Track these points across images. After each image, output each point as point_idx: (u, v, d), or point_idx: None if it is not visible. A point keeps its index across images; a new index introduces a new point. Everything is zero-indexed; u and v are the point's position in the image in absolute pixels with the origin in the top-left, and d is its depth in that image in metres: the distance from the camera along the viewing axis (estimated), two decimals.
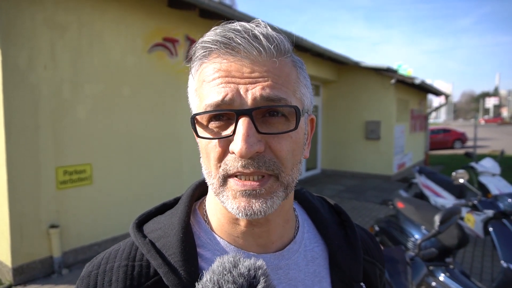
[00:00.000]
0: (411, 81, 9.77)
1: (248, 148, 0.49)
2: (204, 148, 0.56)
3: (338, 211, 0.77)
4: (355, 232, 0.73)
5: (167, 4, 5.00)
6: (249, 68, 0.52)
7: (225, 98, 0.51)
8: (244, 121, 0.50)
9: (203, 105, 0.53)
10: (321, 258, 0.67)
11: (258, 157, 0.51)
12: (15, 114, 3.60)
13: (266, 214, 0.52)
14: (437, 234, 2.02)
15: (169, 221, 0.62)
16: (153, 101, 4.99)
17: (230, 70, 0.52)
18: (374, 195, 8.11)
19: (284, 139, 0.53)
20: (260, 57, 0.52)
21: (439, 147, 20.56)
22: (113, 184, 4.55)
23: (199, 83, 0.57)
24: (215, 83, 0.53)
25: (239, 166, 0.51)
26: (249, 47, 0.52)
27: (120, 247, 0.62)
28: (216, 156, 0.53)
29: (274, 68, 0.53)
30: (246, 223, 0.59)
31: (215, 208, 0.61)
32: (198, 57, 0.56)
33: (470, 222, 3.46)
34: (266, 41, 0.53)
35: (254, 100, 0.51)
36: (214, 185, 0.55)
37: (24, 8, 3.63)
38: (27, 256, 3.75)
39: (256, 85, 0.51)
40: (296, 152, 0.55)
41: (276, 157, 0.53)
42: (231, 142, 0.51)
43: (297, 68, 0.59)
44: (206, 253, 0.60)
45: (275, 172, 0.52)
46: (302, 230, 0.68)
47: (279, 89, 0.53)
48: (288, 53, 0.57)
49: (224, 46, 0.53)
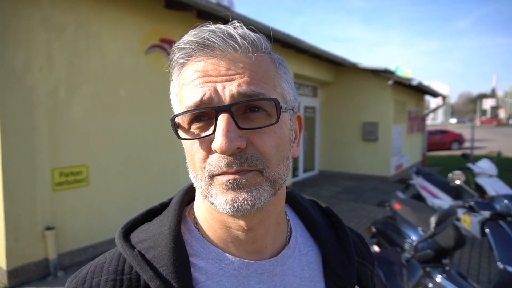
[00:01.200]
0: (408, 82, 9.80)
1: (228, 143, 0.48)
2: (188, 150, 0.55)
3: (329, 214, 0.76)
4: (347, 234, 0.72)
5: (164, 5, 5.00)
6: (225, 65, 0.52)
7: (203, 98, 0.51)
8: (224, 117, 0.50)
9: (183, 107, 0.53)
10: (315, 262, 0.66)
11: (240, 153, 0.50)
12: (11, 115, 3.58)
13: (255, 206, 0.51)
14: (433, 235, 2.02)
15: (158, 230, 0.59)
16: (150, 103, 4.98)
17: (207, 70, 0.52)
18: (372, 196, 8.12)
19: (266, 134, 0.52)
20: (235, 54, 0.52)
21: (437, 148, 20.62)
22: (109, 185, 4.53)
23: (179, 87, 0.56)
24: (193, 85, 0.53)
25: (223, 165, 0.50)
26: (224, 45, 0.52)
27: (106, 259, 0.58)
28: (200, 157, 0.53)
29: (250, 64, 0.53)
30: (238, 226, 0.57)
31: (206, 213, 0.60)
32: (176, 61, 0.56)
33: (467, 223, 3.47)
34: (241, 39, 0.53)
35: (231, 97, 0.51)
36: (203, 187, 0.54)
37: (20, 9, 3.62)
38: (22, 258, 3.72)
39: (233, 82, 0.51)
40: (281, 148, 0.54)
41: (259, 153, 0.52)
42: (213, 141, 0.51)
43: (276, 64, 0.58)
44: (199, 262, 0.58)
45: (259, 167, 0.52)
46: (295, 235, 0.67)
47: (257, 84, 0.52)
48: (264, 49, 0.56)
49: (199, 46, 0.53)
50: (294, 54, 8.04)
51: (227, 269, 0.58)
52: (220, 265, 0.58)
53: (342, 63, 9.62)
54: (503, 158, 13.83)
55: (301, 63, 8.53)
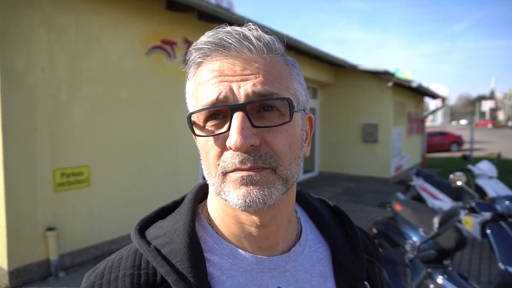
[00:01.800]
0: (408, 84, 9.82)
1: (243, 140, 0.50)
2: (203, 148, 0.56)
3: (337, 212, 0.78)
4: (355, 232, 0.74)
5: (165, 7, 5.01)
6: (241, 66, 0.54)
7: (219, 97, 0.53)
8: (238, 115, 0.51)
9: (199, 105, 0.55)
10: (325, 258, 0.68)
11: (254, 151, 0.52)
12: (12, 116, 3.58)
13: (266, 203, 0.52)
14: (436, 236, 2.03)
15: (173, 227, 0.61)
16: (151, 104, 4.99)
17: (223, 70, 0.54)
18: (372, 198, 8.13)
19: (279, 133, 0.54)
20: (250, 55, 0.54)
21: (436, 150, 20.65)
22: (110, 186, 4.53)
23: (195, 86, 0.58)
24: (209, 84, 0.54)
25: (236, 162, 0.52)
26: (240, 46, 0.54)
27: (123, 255, 0.60)
28: (215, 154, 0.54)
29: (265, 65, 0.55)
30: (251, 222, 0.58)
31: (219, 209, 0.61)
32: (193, 61, 0.58)
33: (468, 224, 3.47)
34: (256, 40, 0.55)
35: (246, 96, 0.52)
36: (216, 184, 0.55)
37: (21, 10, 3.62)
38: (24, 259, 3.72)
39: (248, 82, 0.53)
40: (293, 147, 0.56)
41: (272, 151, 0.53)
42: (227, 138, 0.52)
43: (289, 65, 0.60)
44: (213, 258, 0.59)
45: (272, 165, 0.53)
46: (305, 232, 0.69)
47: (271, 84, 0.54)
48: (278, 51, 0.58)
49: (215, 46, 0.55)
50: (294, 55, 8.02)
51: (240, 265, 0.59)
52: (234, 261, 0.59)
53: (342, 65, 9.64)
54: (503, 160, 13.85)
55: (301, 64, 8.49)
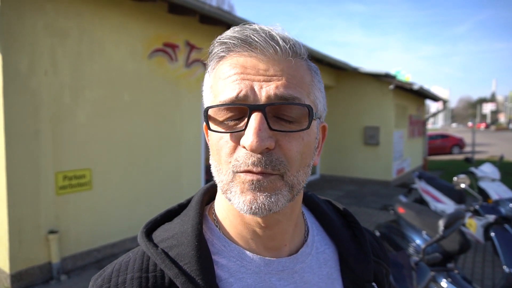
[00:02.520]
0: (409, 86, 9.82)
1: (259, 142, 0.49)
2: (215, 144, 0.55)
3: (344, 213, 0.78)
4: (363, 233, 0.73)
5: (167, 10, 5.02)
6: (265, 65, 0.53)
7: (239, 94, 0.52)
8: (257, 115, 0.50)
9: (217, 101, 0.54)
10: (333, 260, 0.68)
11: (267, 154, 0.51)
12: (16, 119, 3.59)
13: (271, 210, 0.52)
14: (442, 239, 2.02)
15: (180, 229, 0.60)
16: (153, 106, 4.99)
17: (246, 67, 0.53)
18: (374, 201, 8.11)
19: (295, 139, 0.53)
20: (276, 56, 0.53)
21: (437, 152, 20.62)
22: (112, 189, 4.53)
23: (214, 80, 0.57)
24: (230, 80, 0.53)
25: (250, 162, 0.51)
26: (266, 45, 0.53)
27: (130, 258, 0.59)
28: (227, 152, 0.53)
29: (289, 68, 0.54)
30: (256, 222, 0.58)
31: (227, 210, 0.61)
32: (216, 54, 0.57)
33: (472, 227, 3.46)
34: (282, 41, 0.54)
35: (268, 98, 0.51)
36: (224, 181, 0.54)
37: (25, 14, 3.64)
38: (26, 262, 3.72)
39: (271, 83, 0.52)
40: (305, 155, 0.55)
41: (284, 156, 0.52)
42: (242, 137, 0.51)
43: (311, 71, 0.59)
44: (221, 260, 0.59)
45: (281, 171, 0.52)
46: (312, 233, 0.68)
47: (293, 88, 0.53)
48: (303, 55, 0.57)
49: (241, 42, 0.54)
50: None
51: (248, 267, 0.59)
52: (242, 263, 0.59)
53: (343, 68, 9.65)
54: (506, 163, 13.82)
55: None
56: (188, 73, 5.51)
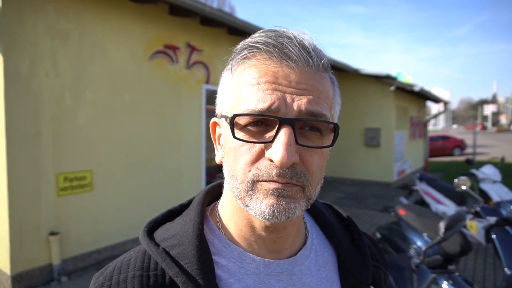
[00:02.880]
0: (410, 88, 9.81)
1: (289, 157, 0.49)
2: (233, 150, 0.54)
3: (343, 217, 0.78)
4: (361, 237, 0.74)
5: (168, 12, 5.03)
6: (297, 77, 0.52)
7: (271, 106, 0.51)
8: (287, 130, 0.50)
9: (245, 108, 0.52)
10: (331, 263, 0.68)
11: (292, 167, 0.51)
12: (17, 121, 3.60)
13: (289, 218, 0.52)
14: (443, 241, 2.01)
15: (182, 229, 0.61)
16: (153, 108, 5.00)
17: (277, 76, 0.52)
18: (374, 202, 8.10)
19: (316, 154, 0.54)
20: (307, 68, 0.53)
21: (438, 154, 20.59)
22: (113, 190, 4.53)
23: (238, 82, 0.55)
24: (260, 88, 0.52)
25: (274, 174, 0.51)
26: (300, 56, 0.52)
27: (132, 257, 0.60)
28: (247, 160, 0.53)
29: (319, 83, 0.54)
30: (264, 227, 0.58)
31: (233, 212, 0.61)
32: (244, 56, 0.55)
33: (473, 229, 3.45)
34: (314, 54, 0.54)
35: (299, 112, 0.51)
36: (240, 189, 0.54)
37: (26, 16, 3.65)
38: (26, 264, 3.72)
39: (302, 97, 0.52)
40: (323, 169, 0.57)
41: (307, 170, 0.53)
42: (268, 149, 0.51)
43: (334, 85, 0.60)
44: (221, 261, 0.59)
45: (304, 184, 0.53)
46: (311, 236, 0.69)
47: (322, 105, 0.53)
48: (329, 69, 0.58)
49: (277, 50, 0.53)
50: None
51: (248, 268, 0.59)
52: (242, 264, 0.59)
53: (344, 69, 9.65)
54: (507, 164, 13.79)
55: None
56: (189, 74, 5.52)
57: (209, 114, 5.89)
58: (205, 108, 5.81)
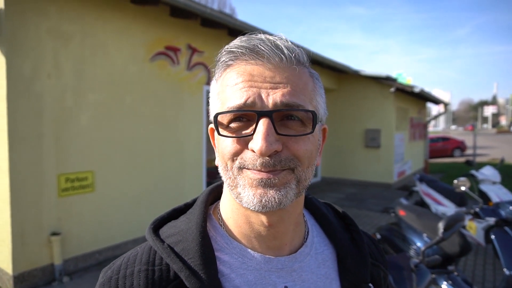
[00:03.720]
0: (410, 89, 9.83)
1: (268, 146, 0.52)
2: (221, 145, 0.58)
3: (343, 216, 0.80)
4: (361, 236, 0.76)
5: (169, 14, 5.06)
6: (271, 72, 0.56)
7: (247, 101, 0.54)
8: (265, 121, 0.53)
9: (225, 107, 0.57)
10: (331, 261, 0.70)
11: (275, 156, 0.54)
12: (19, 122, 3.62)
13: (281, 203, 0.54)
14: (442, 241, 2.03)
15: (186, 226, 0.64)
16: (155, 109, 5.02)
17: (253, 74, 0.56)
18: (375, 203, 8.11)
19: (302, 140, 0.56)
20: (281, 64, 0.57)
21: (439, 155, 20.60)
22: (115, 191, 4.55)
23: (222, 87, 0.60)
24: (238, 87, 0.56)
25: (257, 164, 0.54)
26: (272, 54, 0.56)
27: (138, 252, 0.63)
28: (232, 151, 0.56)
29: (294, 76, 0.57)
30: (260, 221, 0.61)
31: (232, 209, 0.63)
32: (223, 62, 0.60)
33: (472, 229, 3.47)
34: (287, 50, 0.57)
35: (274, 105, 0.54)
36: (231, 177, 0.57)
37: (28, 18, 3.67)
38: (28, 264, 3.74)
39: (277, 90, 0.55)
40: (313, 154, 0.59)
41: (293, 155, 0.56)
42: (250, 141, 0.54)
43: (313, 78, 0.62)
44: (224, 257, 0.62)
45: (291, 166, 0.56)
46: (312, 234, 0.71)
47: (298, 96, 0.56)
48: (306, 63, 0.61)
49: (249, 51, 0.57)
50: None
51: (249, 263, 0.61)
52: (243, 260, 0.62)
53: (344, 70, 9.67)
54: (506, 165, 13.80)
55: None
56: (190, 76, 5.54)
57: None
58: (206, 109, 5.83)
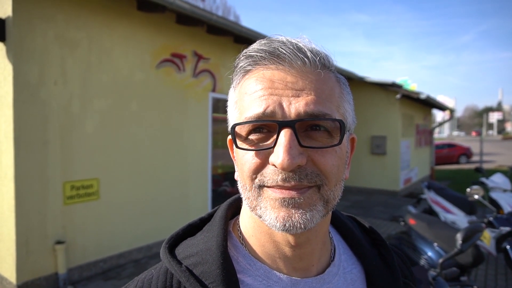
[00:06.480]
0: (416, 96, 9.77)
1: (290, 160, 0.47)
2: (240, 159, 0.53)
3: (369, 231, 0.75)
4: (390, 252, 0.70)
5: (175, 21, 5.06)
6: (293, 77, 0.51)
7: (266, 110, 0.49)
8: (287, 132, 0.48)
9: (243, 117, 0.52)
10: (360, 280, 0.65)
11: (299, 170, 0.49)
12: (25, 129, 3.60)
13: (306, 228, 0.49)
14: (460, 253, 1.96)
15: (205, 246, 0.58)
16: (160, 116, 5.00)
17: (273, 80, 0.51)
18: (381, 211, 8.01)
19: (328, 153, 0.51)
20: (304, 68, 0.52)
21: (444, 162, 20.44)
22: (120, 199, 4.51)
23: (240, 95, 0.55)
24: (256, 95, 0.51)
25: (278, 179, 0.49)
26: (294, 57, 0.51)
27: (153, 275, 0.58)
28: (252, 168, 0.51)
29: (318, 81, 0.52)
30: (286, 241, 0.56)
31: (254, 228, 0.58)
32: (241, 67, 0.55)
33: (486, 239, 3.39)
34: (310, 53, 0.52)
35: (297, 115, 0.49)
36: (250, 198, 0.52)
37: (35, 25, 3.68)
38: (32, 273, 3.69)
39: (300, 98, 0.50)
40: (340, 168, 0.53)
41: (320, 170, 0.50)
42: (271, 155, 0.49)
43: (340, 83, 0.57)
44: (247, 279, 0.57)
45: (318, 183, 0.50)
46: (338, 252, 0.66)
47: (323, 104, 0.51)
48: (331, 67, 0.56)
49: (269, 54, 0.52)
50: None
51: (275, 286, 0.56)
52: (268, 282, 0.57)
53: (350, 77, 9.64)
54: None
55: None
56: (196, 82, 5.53)
57: (215, 122, 5.89)
58: (211, 116, 5.81)
